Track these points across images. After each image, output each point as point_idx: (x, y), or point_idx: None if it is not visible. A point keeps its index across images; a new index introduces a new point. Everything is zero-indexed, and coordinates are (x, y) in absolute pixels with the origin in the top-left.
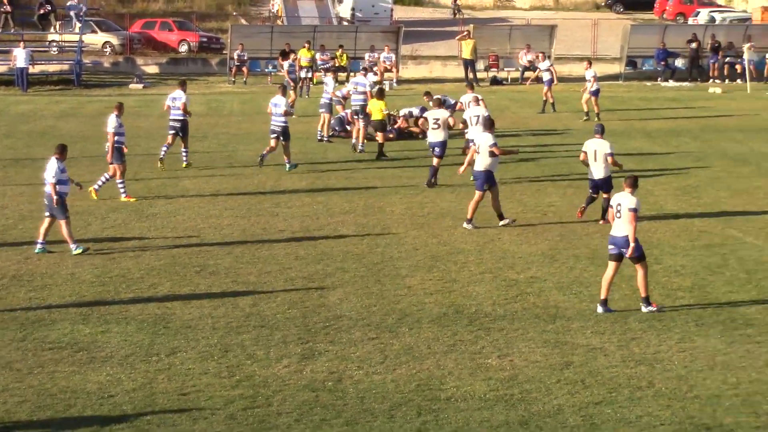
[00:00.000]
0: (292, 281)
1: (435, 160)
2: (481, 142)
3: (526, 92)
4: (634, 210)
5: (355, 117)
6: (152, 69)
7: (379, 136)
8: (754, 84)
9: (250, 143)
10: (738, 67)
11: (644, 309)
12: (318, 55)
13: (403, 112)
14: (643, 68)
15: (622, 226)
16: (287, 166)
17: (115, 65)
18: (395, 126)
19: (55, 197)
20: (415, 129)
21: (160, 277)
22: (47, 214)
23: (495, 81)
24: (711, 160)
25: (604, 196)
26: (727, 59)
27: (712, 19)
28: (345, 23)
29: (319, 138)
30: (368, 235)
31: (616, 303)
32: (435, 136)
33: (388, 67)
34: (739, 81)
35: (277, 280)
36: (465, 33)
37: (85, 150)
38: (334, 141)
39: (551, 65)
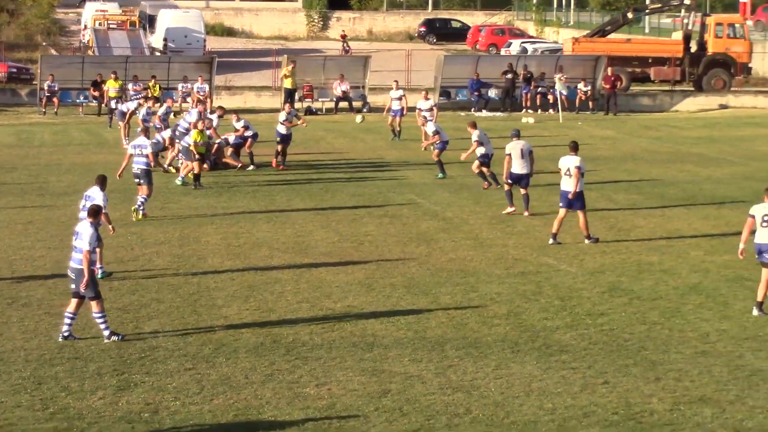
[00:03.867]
0: (107, 312)
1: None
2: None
3: (340, 122)
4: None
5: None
6: None
7: (196, 166)
8: (566, 114)
9: (61, 174)
10: (550, 97)
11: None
12: (130, 86)
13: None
14: (457, 98)
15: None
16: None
17: None
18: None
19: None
20: (229, 161)
21: None
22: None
23: (309, 111)
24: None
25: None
26: (539, 89)
27: (525, 50)
28: (157, 53)
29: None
30: (184, 265)
31: (433, 331)
32: None
33: (202, 98)
34: (551, 111)
35: (92, 312)
36: (291, 64)
37: None
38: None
39: (403, 94)
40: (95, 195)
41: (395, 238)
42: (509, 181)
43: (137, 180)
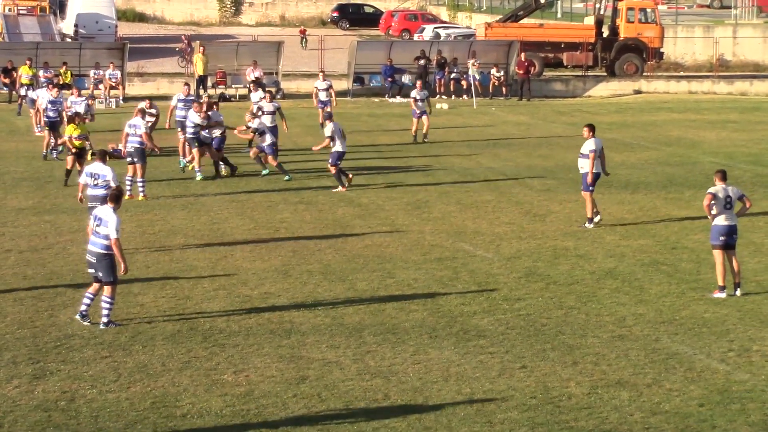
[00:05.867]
0: (21, 301)
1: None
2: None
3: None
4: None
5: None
6: None
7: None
8: (479, 100)
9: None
10: (464, 82)
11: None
12: (41, 72)
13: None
14: (371, 84)
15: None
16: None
17: None
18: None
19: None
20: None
21: None
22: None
23: (223, 98)
24: (439, 176)
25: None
26: (453, 75)
27: (438, 35)
28: (68, 39)
29: (44, 155)
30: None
31: (350, 317)
32: None
33: (114, 84)
34: (464, 97)
35: (5, 300)
36: (201, 50)
37: None
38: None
39: (330, 84)
40: (104, 171)
41: (311, 225)
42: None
43: (130, 159)
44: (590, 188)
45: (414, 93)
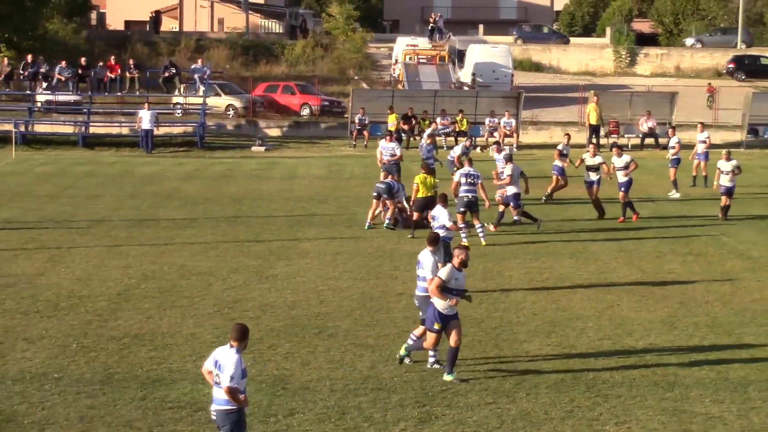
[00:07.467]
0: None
1: None
2: None
3: (645, 159)
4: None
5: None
6: (274, 132)
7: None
8: None
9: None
10: None
11: None
12: (438, 119)
13: None
14: (765, 136)
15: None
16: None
17: (238, 128)
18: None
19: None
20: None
21: (280, 339)
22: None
23: (616, 146)
24: None
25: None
26: None
27: None
28: (466, 88)
29: None
30: (487, 299)
31: (736, 372)
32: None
33: (509, 132)
34: None
35: (396, 344)
36: (595, 99)
37: (207, 211)
38: None
39: (708, 137)
40: (438, 213)
41: (699, 276)
42: None
43: (467, 208)
44: None
45: None
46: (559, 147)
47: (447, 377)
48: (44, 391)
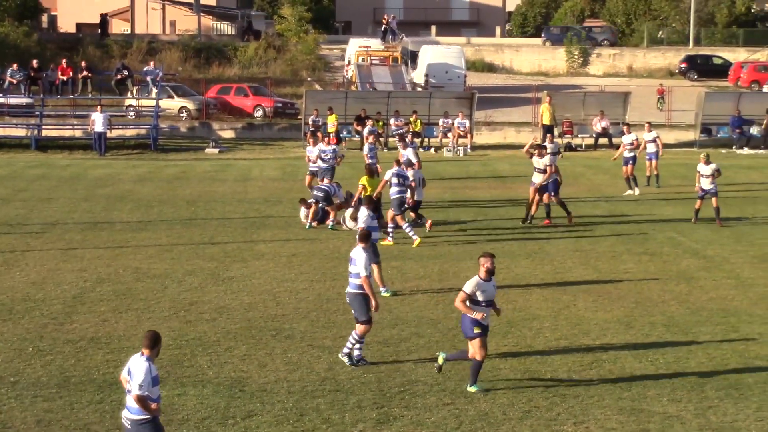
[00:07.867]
0: (368, 345)
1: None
2: None
3: (599, 159)
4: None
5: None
6: (228, 134)
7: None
8: None
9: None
10: None
11: None
12: (392, 121)
13: None
14: (718, 135)
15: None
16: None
17: (191, 130)
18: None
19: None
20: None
21: (236, 341)
22: None
23: (569, 147)
24: None
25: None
26: None
27: None
28: (419, 89)
29: None
30: (443, 300)
31: (692, 371)
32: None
33: (462, 133)
34: None
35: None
36: (548, 99)
37: (161, 214)
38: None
39: (657, 136)
40: (361, 216)
41: (655, 276)
42: None
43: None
44: None
45: None
46: (547, 145)
47: (470, 389)
48: (0, 395)
